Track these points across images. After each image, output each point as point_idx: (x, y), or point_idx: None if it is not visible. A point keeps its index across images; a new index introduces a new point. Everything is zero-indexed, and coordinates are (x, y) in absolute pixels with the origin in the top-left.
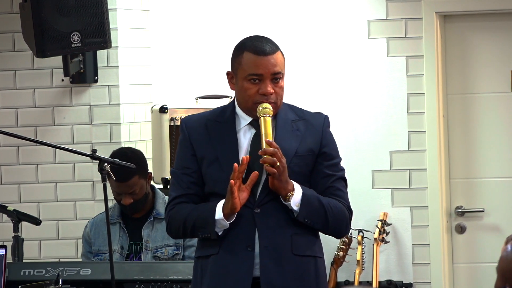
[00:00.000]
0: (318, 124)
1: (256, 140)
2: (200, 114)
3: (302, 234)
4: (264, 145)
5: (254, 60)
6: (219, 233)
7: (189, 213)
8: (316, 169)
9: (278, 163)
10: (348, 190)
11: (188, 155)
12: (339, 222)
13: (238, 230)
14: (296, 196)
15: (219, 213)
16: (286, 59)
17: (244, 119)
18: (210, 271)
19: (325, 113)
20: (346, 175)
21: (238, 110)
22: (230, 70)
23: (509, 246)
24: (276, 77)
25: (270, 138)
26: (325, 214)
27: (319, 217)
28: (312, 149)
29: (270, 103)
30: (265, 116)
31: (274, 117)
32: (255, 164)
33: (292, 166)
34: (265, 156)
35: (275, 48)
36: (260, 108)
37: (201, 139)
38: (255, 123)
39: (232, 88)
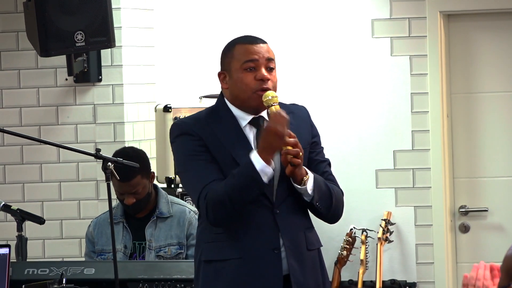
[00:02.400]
0: (305, 116)
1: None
2: (194, 117)
3: (310, 228)
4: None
5: (247, 48)
6: (267, 182)
7: (226, 184)
8: (310, 158)
9: (301, 153)
10: (351, 189)
11: (205, 154)
12: (339, 205)
13: (261, 233)
14: (310, 180)
15: (258, 162)
16: (290, 59)
17: (243, 119)
18: (232, 275)
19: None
20: (349, 174)
21: (234, 110)
22: (221, 71)
23: None
24: (270, 65)
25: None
26: (331, 197)
27: (327, 200)
28: (308, 141)
29: (268, 89)
30: (274, 104)
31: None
32: None
33: None
34: (288, 148)
35: (265, 41)
36: (266, 98)
37: (213, 142)
38: (255, 122)
39: (225, 88)
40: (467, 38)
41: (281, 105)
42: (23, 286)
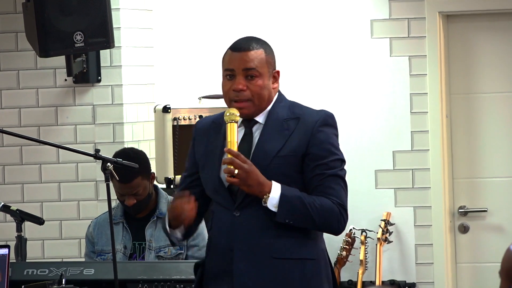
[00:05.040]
0: (311, 123)
1: (242, 141)
2: (211, 116)
3: (286, 236)
4: (227, 155)
5: (229, 56)
6: (179, 239)
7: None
8: (305, 170)
9: (236, 171)
10: (351, 190)
11: (191, 160)
12: (327, 219)
13: (219, 233)
14: (274, 197)
15: (168, 226)
16: (289, 59)
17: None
18: (207, 273)
19: (329, 112)
20: (349, 175)
21: None
22: None
23: (511, 246)
24: (249, 74)
25: (233, 146)
26: (309, 214)
27: (302, 217)
28: (295, 150)
29: (242, 101)
30: (231, 122)
31: (267, 116)
32: None
33: (273, 167)
34: (225, 166)
35: (256, 46)
36: (227, 114)
37: (201, 141)
38: (246, 123)
39: None
40: (466, 38)
41: (295, 107)
42: (23, 286)
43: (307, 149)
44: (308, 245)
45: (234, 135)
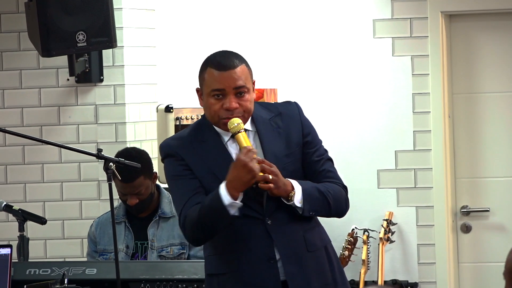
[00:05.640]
0: (294, 114)
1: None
2: (179, 136)
3: (310, 229)
4: None
5: (215, 75)
6: (237, 214)
7: (199, 212)
8: (304, 158)
9: (270, 177)
10: (353, 189)
11: (187, 172)
12: (339, 203)
13: (254, 244)
14: (297, 194)
15: (226, 197)
16: (291, 59)
17: (225, 135)
18: (232, 287)
19: (293, 101)
20: (351, 174)
21: (216, 127)
22: (198, 88)
23: None
24: (240, 91)
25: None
26: (326, 201)
27: (322, 206)
28: (297, 142)
29: (236, 117)
30: (240, 131)
31: (253, 122)
32: None
33: (286, 166)
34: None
35: (238, 62)
36: (232, 126)
37: (195, 162)
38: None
39: (201, 105)
40: (468, 38)
41: (268, 106)
42: (25, 286)
43: (303, 138)
44: (322, 231)
45: (248, 141)
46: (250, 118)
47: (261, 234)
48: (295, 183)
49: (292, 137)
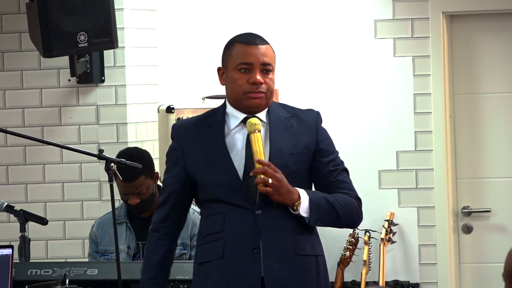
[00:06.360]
0: (311, 121)
1: (249, 142)
2: (192, 118)
3: (303, 233)
4: (256, 164)
5: (244, 49)
6: None
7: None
8: (316, 167)
9: (270, 180)
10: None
11: (179, 168)
12: (350, 214)
13: (241, 233)
14: (304, 203)
15: None
16: (292, 60)
17: (235, 118)
18: (217, 275)
19: (316, 110)
20: (352, 175)
21: (229, 109)
22: (220, 67)
23: None
24: (266, 68)
25: (262, 156)
26: (335, 212)
27: (331, 216)
28: (308, 146)
29: (260, 92)
30: (255, 132)
31: (268, 115)
32: (252, 166)
33: (290, 164)
34: (257, 176)
35: (265, 42)
36: (250, 125)
37: (192, 143)
38: (246, 121)
39: (222, 84)
40: (470, 38)
41: (287, 108)
42: (26, 286)
43: (317, 146)
44: (316, 241)
45: (260, 144)
46: (266, 110)
47: (248, 224)
48: (302, 192)
49: (302, 139)
